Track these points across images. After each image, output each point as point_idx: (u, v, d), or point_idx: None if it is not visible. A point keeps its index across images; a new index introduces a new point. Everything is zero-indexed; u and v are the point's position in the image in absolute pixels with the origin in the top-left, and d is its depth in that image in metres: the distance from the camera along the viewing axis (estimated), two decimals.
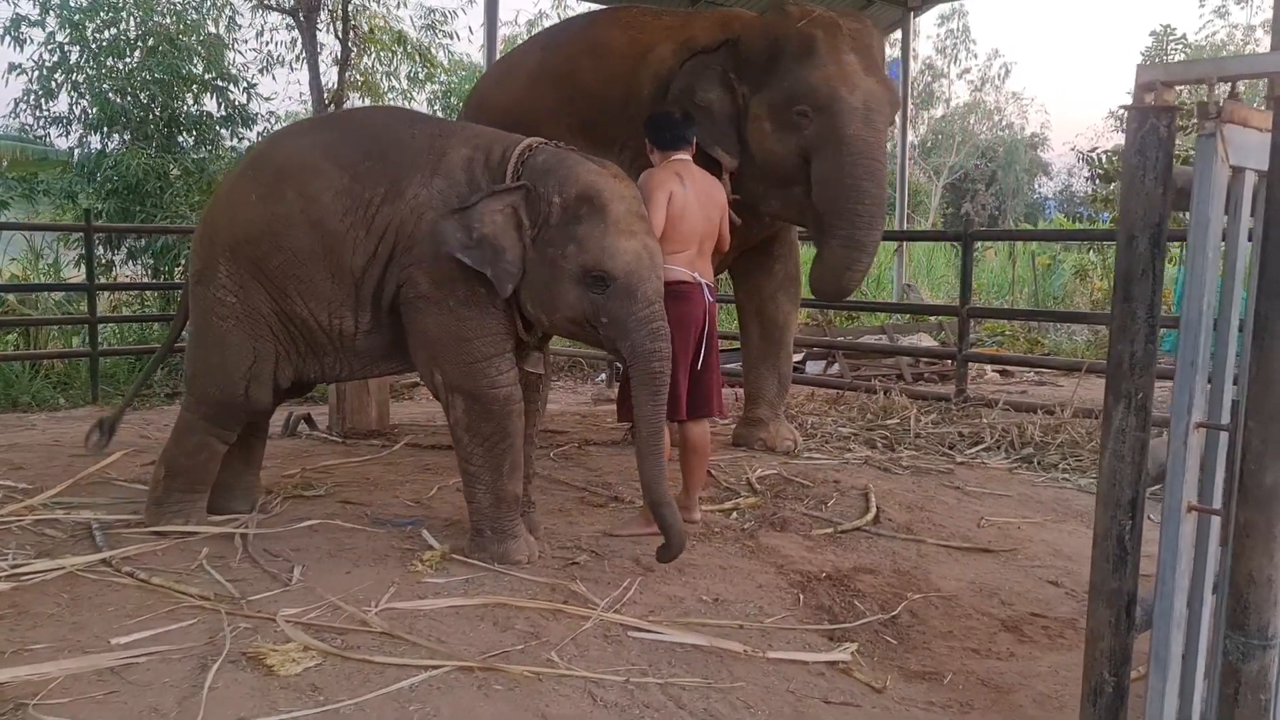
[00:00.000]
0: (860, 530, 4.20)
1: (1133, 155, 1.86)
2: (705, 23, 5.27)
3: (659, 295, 3.46)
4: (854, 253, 4.64)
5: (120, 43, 11.23)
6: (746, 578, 3.60)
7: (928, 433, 6.15)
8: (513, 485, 3.63)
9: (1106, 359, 1.95)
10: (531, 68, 5.86)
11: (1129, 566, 1.94)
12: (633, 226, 3.45)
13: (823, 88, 4.55)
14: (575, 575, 3.52)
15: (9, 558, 3.52)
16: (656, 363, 3.44)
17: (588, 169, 3.51)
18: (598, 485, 4.74)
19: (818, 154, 4.61)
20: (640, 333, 3.42)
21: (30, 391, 7.69)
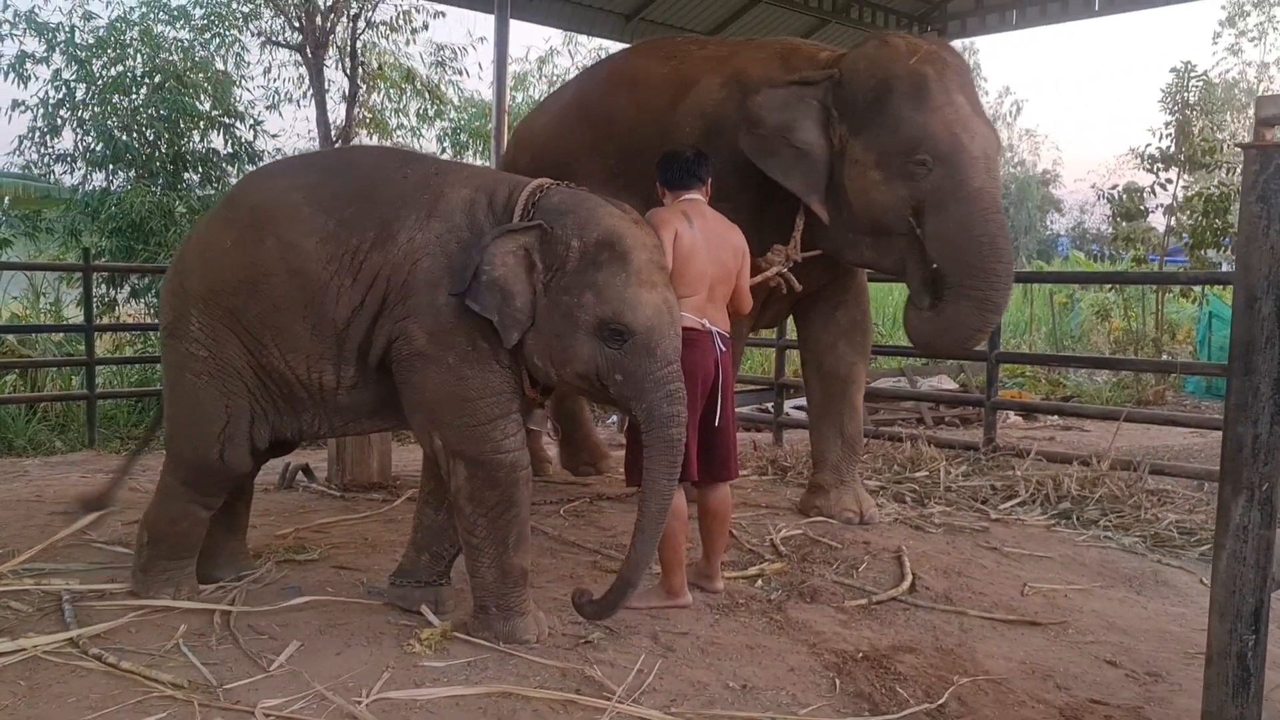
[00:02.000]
0: (896, 600, 3.89)
1: (1254, 202, 1.58)
2: (756, 54, 4.87)
3: (678, 355, 3.21)
4: (989, 315, 4.28)
5: (127, 79, 11.11)
6: (776, 659, 3.28)
7: (958, 486, 5.83)
8: (520, 559, 3.31)
9: (1222, 443, 1.65)
10: (568, 102, 5.63)
11: (1252, 690, 1.63)
12: (654, 278, 3.19)
13: (945, 136, 4.18)
14: (589, 657, 3.20)
15: None
16: (674, 429, 3.16)
17: (610, 212, 3.25)
18: (612, 547, 4.43)
19: (939, 208, 4.20)
20: (657, 394, 3.14)
21: (26, 435, 7.45)
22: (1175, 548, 4.84)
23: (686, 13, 12.16)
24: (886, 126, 4.24)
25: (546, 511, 5.09)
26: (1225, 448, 1.63)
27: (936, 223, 4.21)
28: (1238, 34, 30.62)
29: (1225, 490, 1.63)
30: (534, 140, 5.67)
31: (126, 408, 8.20)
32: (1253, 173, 1.58)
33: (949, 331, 4.33)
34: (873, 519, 4.98)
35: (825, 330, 5.12)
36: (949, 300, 4.27)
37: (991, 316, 4.30)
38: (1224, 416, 1.66)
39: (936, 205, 4.20)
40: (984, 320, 4.28)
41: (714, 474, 3.81)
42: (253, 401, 3.46)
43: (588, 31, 13.00)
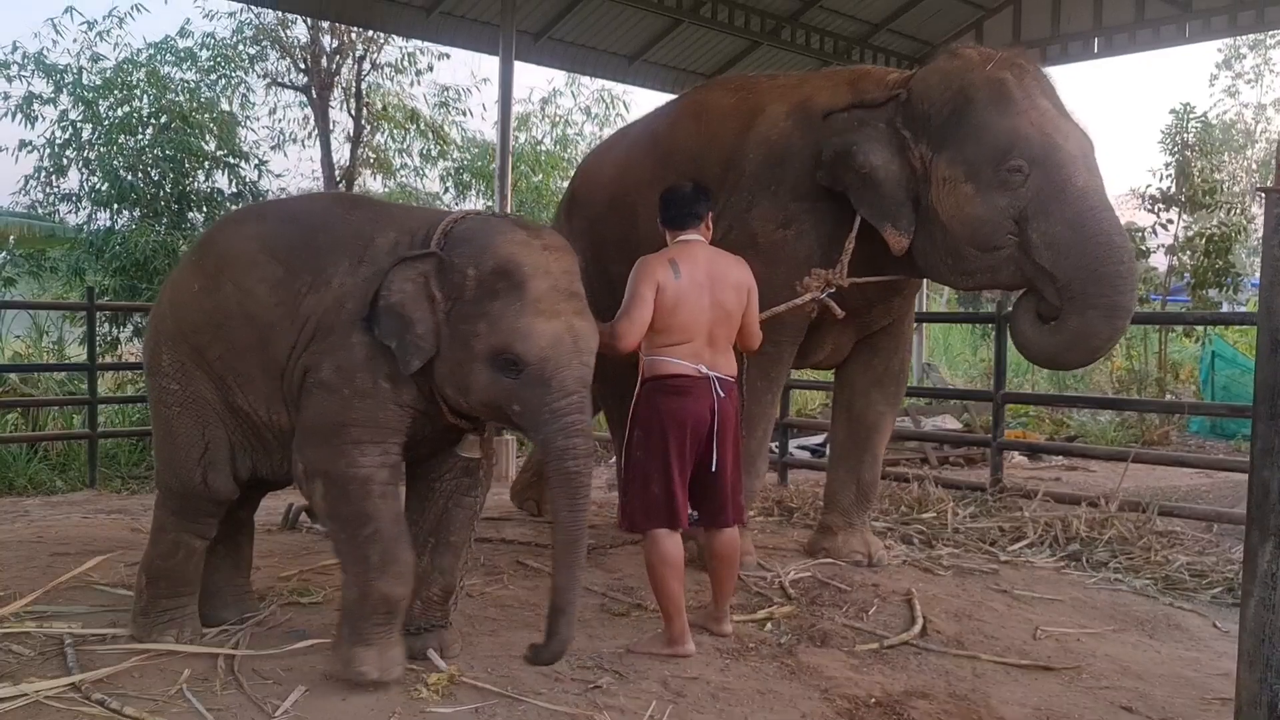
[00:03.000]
0: (908, 645, 3.84)
1: (1277, 246, 1.57)
2: (824, 82, 4.75)
3: (581, 384, 3.07)
4: (1118, 322, 3.98)
5: (133, 120, 11.22)
6: (788, 704, 3.23)
7: (966, 527, 5.79)
8: (385, 585, 3.16)
9: (1248, 489, 1.63)
10: (635, 136, 5.61)
11: None
12: (556, 306, 3.07)
13: (1037, 137, 3.95)
14: (598, 703, 3.15)
15: None
16: (570, 462, 3.04)
17: (511, 238, 3.14)
18: (618, 590, 4.38)
19: (1044, 213, 3.95)
20: (552, 426, 3.04)
21: (27, 474, 7.41)
22: (1187, 590, 4.80)
23: (689, 54, 12.30)
24: (971, 138, 4.05)
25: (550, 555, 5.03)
26: (1251, 493, 1.61)
27: (1044, 228, 3.96)
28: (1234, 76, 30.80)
29: (1252, 537, 1.61)
30: (600, 175, 5.65)
31: (128, 447, 8.16)
32: (1275, 216, 1.58)
33: (1079, 344, 4.06)
34: (880, 561, 4.90)
35: (861, 374, 5.01)
36: (1071, 311, 3.98)
37: (1121, 323, 4.02)
38: (1249, 461, 1.64)
39: (1041, 210, 3.96)
40: (1114, 328, 4.01)
41: (714, 520, 3.77)
42: (229, 433, 3.49)
43: (591, 73, 13.14)
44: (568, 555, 3.07)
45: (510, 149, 10.09)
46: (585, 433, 3.08)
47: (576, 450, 3.05)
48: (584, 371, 3.09)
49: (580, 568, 3.15)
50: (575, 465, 3.04)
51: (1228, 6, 11.65)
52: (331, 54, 12.71)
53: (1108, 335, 4.03)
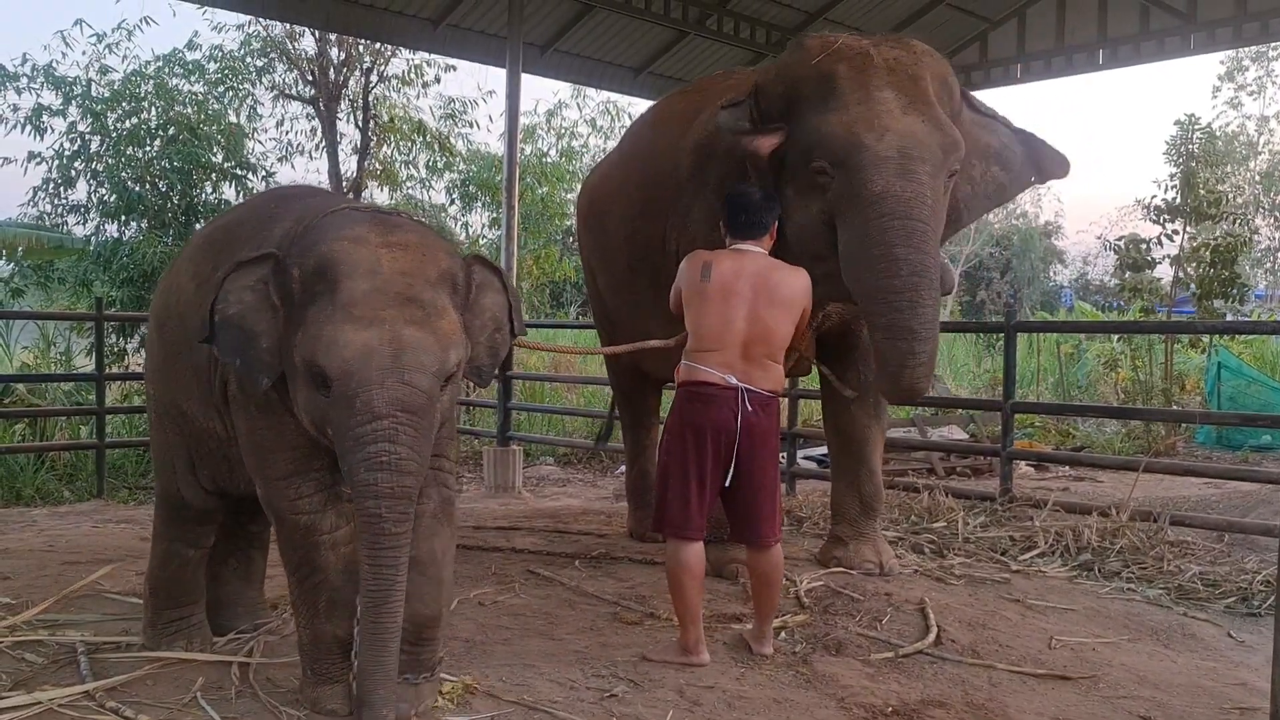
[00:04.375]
0: (922, 654, 3.82)
1: None
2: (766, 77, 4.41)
3: (393, 407, 2.55)
4: (903, 343, 3.64)
5: (141, 132, 11.29)
6: (805, 713, 3.21)
7: (977, 537, 5.77)
8: (332, 626, 2.92)
9: None
10: (617, 148, 5.69)
11: None
12: (377, 312, 2.60)
13: (840, 135, 3.67)
14: (614, 711, 3.14)
15: None
16: (370, 501, 2.54)
17: (343, 233, 2.74)
18: (631, 599, 4.37)
19: (842, 220, 3.72)
20: (354, 456, 2.56)
21: (34, 484, 7.41)
22: (1200, 600, 4.77)
23: (695, 67, 12.30)
24: (792, 136, 3.83)
25: (562, 563, 5.04)
26: None
27: (841, 240, 3.74)
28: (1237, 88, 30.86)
29: None
30: (593, 187, 5.75)
31: (135, 457, 8.16)
32: None
33: (884, 377, 3.80)
34: (892, 570, 4.84)
35: (838, 391, 4.85)
36: (870, 333, 3.84)
37: (906, 345, 3.65)
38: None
39: (839, 217, 3.74)
40: (901, 350, 3.65)
41: (744, 537, 3.72)
42: (185, 440, 3.36)
43: (598, 85, 13.16)
44: (371, 626, 2.61)
45: (517, 160, 10.10)
46: (395, 467, 2.55)
47: (379, 487, 2.54)
48: (403, 392, 2.57)
49: (389, 640, 2.61)
50: (376, 506, 2.55)
51: (1232, 18, 11.65)
52: (339, 66, 12.77)
53: (899, 359, 3.67)
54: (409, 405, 2.56)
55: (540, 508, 7.07)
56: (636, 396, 6.17)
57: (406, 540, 2.59)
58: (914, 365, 3.72)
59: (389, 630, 2.59)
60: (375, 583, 2.57)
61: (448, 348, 2.66)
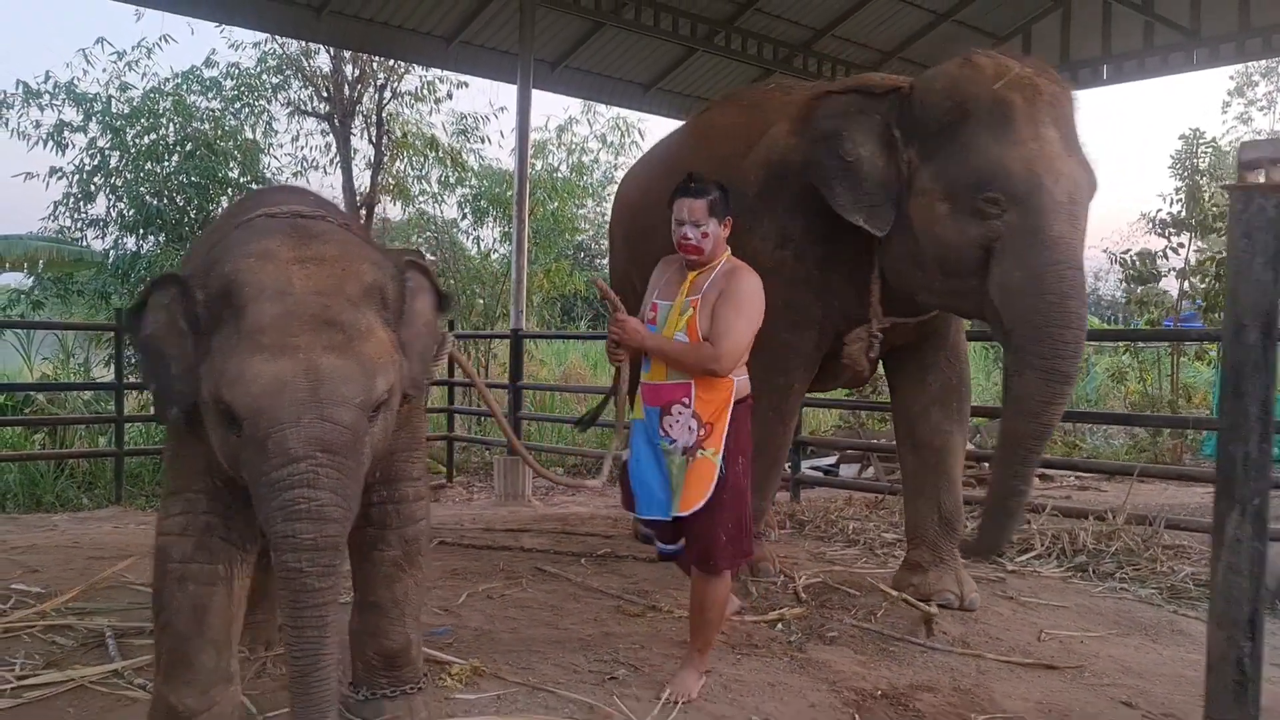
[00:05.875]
0: (914, 644, 3.96)
1: (1240, 238, 1.71)
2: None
3: (312, 447, 2.19)
4: (1057, 386, 3.68)
5: (159, 147, 11.49)
6: (798, 696, 3.36)
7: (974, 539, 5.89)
8: (169, 691, 2.55)
9: (1216, 462, 1.77)
10: (656, 159, 5.62)
11: (1250, 694, 1.73)
12: (289, 339, 2.23)
13: (1022, 174, 3.69)
14: (614, 692, 3.29)
15: (16, 668, 3.33)
16: (290, 555, 2.17)
17: (251, 248, 2.39)
18: (634, 593, 4.52)
19: (1009, 254, 3.72)
20: (270, 504, 2.20)
21: (54, 491, 7.59)
22: (1192, 599, 4.89)
23: (703, 82, 12.50)
24: (958, 156, 3.82)
25: (568, 561, 5.19)
26: (1219, 466, 1.75)
27: (1003, 271, 3.74)
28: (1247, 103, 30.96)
29: (1220, 506, 1.74)
30: (628, 199, 5.71)
31: (152, 465, 8.33)
32: (1238, 212, 1.72)
33: (1024, 414, 3.76)
34: (974, 604, 4.49)
35: (917, 396, 4.65)
36: (1013, 370, 3.83)
37: (1058, 388, 3.70)
38: (1218, 437, 1.78)
39: (1008, 250, 3.74)
40: (1052, 393, 3.69)
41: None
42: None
43: (607, 101, 13.36)
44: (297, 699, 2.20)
45: (528, 175, 10.29)
46: (317, 514, 2.18)
47: (299, 539, 2.17)
48: (322, 429, 2.20)
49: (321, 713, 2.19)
50: (296, 560, 2.17)
51: (1234, 33, 11.80)
52: (353, 83, 12.99)
53: (1044, 399, 3.71)
54: (330, 444, 2.20)
55: (549, 513, 7.22)
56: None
57: (333, 596, 2.21)
58: (1058, 407, 3.78)
59: (319, 701, 2.18)
60: (299, 648, 2.18)
61: (374, 374, 2.30)
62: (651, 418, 3.33)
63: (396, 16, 10.17)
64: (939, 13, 12.48)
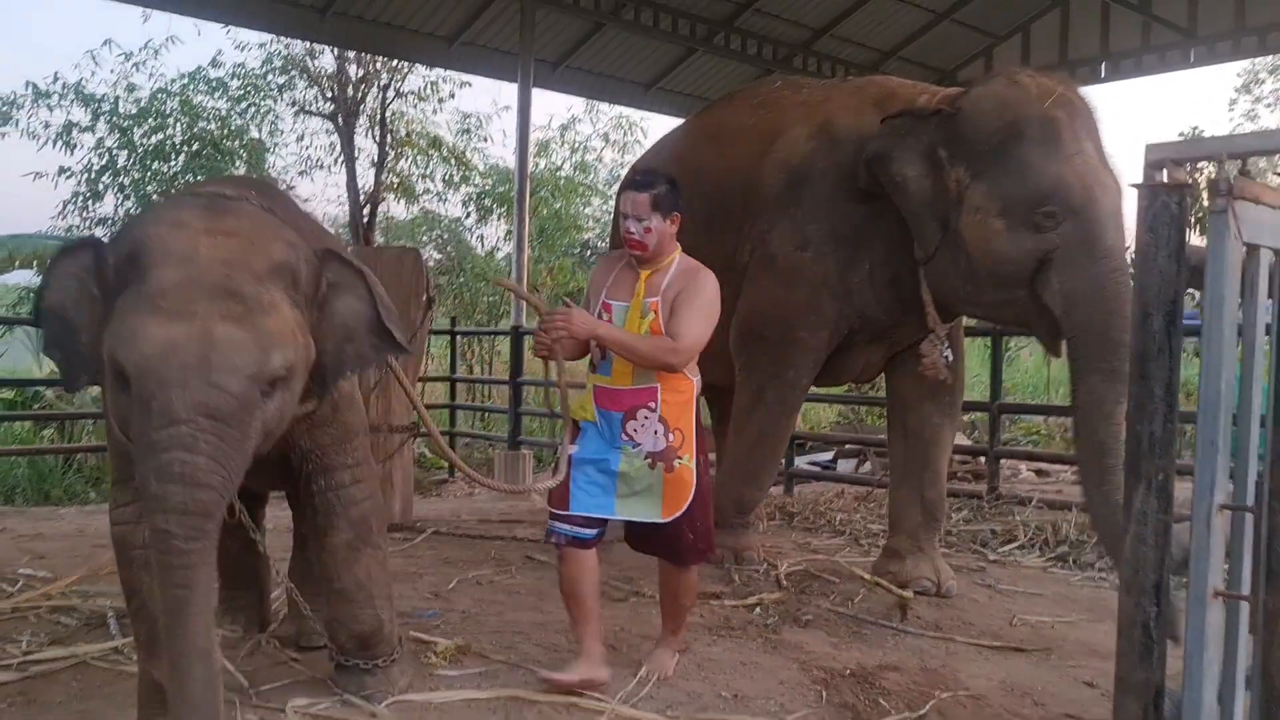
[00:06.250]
0: (887, 627, 4.09)
1: (1144, 233, 1.84)
2: (848, 101, 4.66)
3: (195, 411, 2.17)
4: (1122, 386, 3.62)
5: (166, 147, 11.69)
6: (768, 674, 3.49)
7: (959, 530, 6.03)
8: (152, 667, 2.63)
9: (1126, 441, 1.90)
10: (665, 152, 5.60)
11: (1155, 656, 1.86)
12: (188, 305, 2.24)
13: (1078, 188, 3.82)
14: None
15: (23, 645, 3.49)
16: (160, 516, 2.15)
17: (165, 216, 2.45)
18: (619, 580, 4.64)
19: (1068, 265, 3.84)
20: (147, 464, 2.18)
21: (62, 485, 7.75)
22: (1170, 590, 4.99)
23: (704, 82, 12.64)
24: (1013, 174, 3.91)
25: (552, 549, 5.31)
26: (1128, 445, 1.88)
27: (1064, 281, 3.86)
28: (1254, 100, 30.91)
29: (1129, 481, 1.87)
30: None
31: None
32: (1143, 208, 1.85)
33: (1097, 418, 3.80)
34: (950, 591, 4.60)
35: (912, 388, 4.71)
36: (1075, 378, 3.92)
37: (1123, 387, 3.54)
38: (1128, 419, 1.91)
39: (1066, 260, 3.86)
40: (1118, 392, 3.66)
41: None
42: None
43: (609, 100, 13.53)
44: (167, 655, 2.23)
45: (529, 174, 10.45)
46: (191, 479, 2.15)
47: (169, 501, 2.15)
48: (208, 394, 2.19)
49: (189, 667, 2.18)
50: (165, 521, 2.14)
51: (1230, 32, 11.89)
52: (357, 83, 13.16)
53: (1114, 399, 3.73)
54: (214, 411, 2.19)
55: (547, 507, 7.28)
56: None
57: (203, 560, 2.19)
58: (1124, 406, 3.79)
59: (186, 656, 2.18)
60: (165, 605, 2.18)
61: (270, 349, 2.29)
62: (611, 422, 3.23)
63: (399, 17, 10.33)
64: (938, 12, 12.59)
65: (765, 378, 4.72)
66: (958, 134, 4.06)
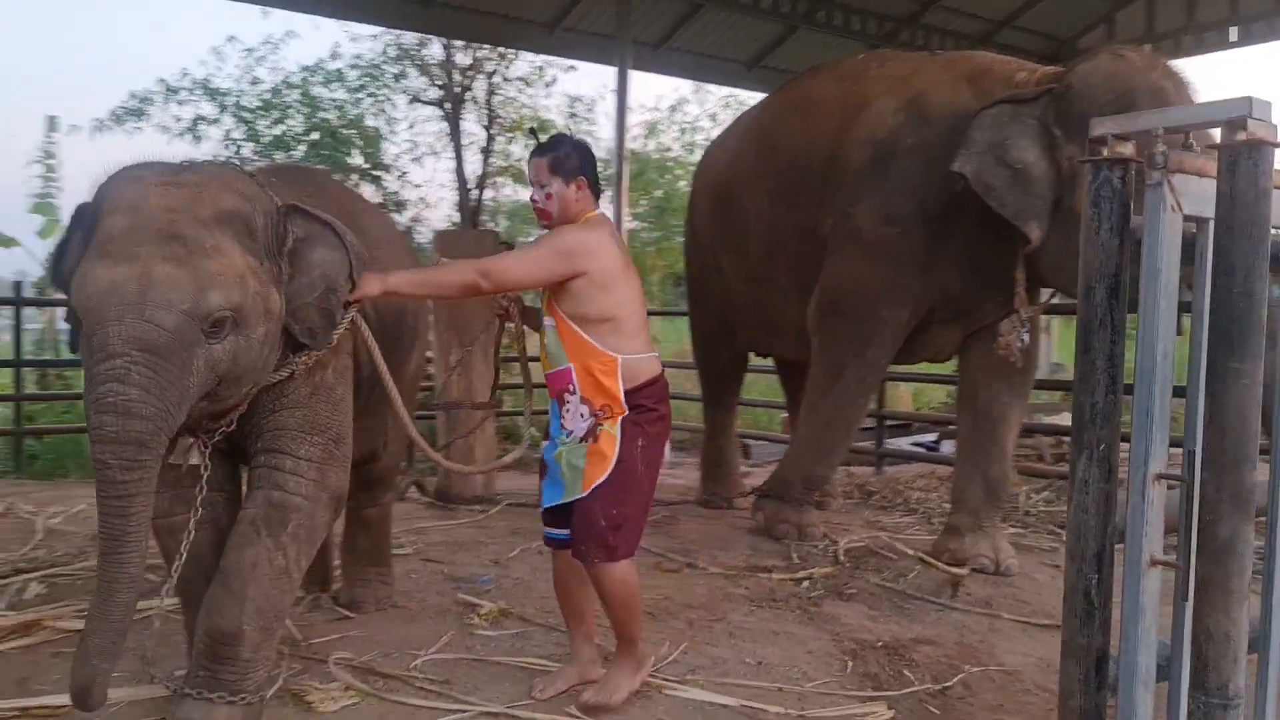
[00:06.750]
0: (932, 603, 4.10)
1: (1089, 207, 1.86)
2: (940, 75, 4.58)
3: (129, 345, 2.27)
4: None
5: (288, 137, 12.23)
6: (798, 643, 3.56)
7: (1039, 510, 5.94)
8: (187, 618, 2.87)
9: (1071, 412, 1.92)
10: (744, 126, 5.66)
11: (1097, 621, 1.89)
12: (132, 248, 2.34)
13: None
14: None
15: None
16: (98, 446, 2.26)
17: (125, 173, 2.53)
18: (677, 552, 4.76)
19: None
20: (88, 398, 2.30)
21: None
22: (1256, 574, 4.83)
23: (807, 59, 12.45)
24: None
25: None
26: (1073, 415, 1.89)
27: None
28: None
29: (1073, 451, 1.89)
30: (714, 167, 5.80)
31: None
32: (1088, 183, 1.85)
33: None
34: (1010, 569, 4.55)
35: (983, 366, 4.65)
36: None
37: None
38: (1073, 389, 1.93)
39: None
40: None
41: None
42: None
43: (710, 80, 13.55)
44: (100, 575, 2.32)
45: (626, 155, 10.57)
46: (124, 410, 2.24)
47: (104, 431, 2.24)
48: (142, 329, 2.28)
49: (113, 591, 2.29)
50: (101, 452, 2.25)
51: None
52: (465, 70, 13.51)
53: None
54: (148, 344, 2.27)
55: None
56: (720, 370, 6.25)
57: (139, 490, 2.28)
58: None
59: (113, 580, 2.29)
60: (101, 532, 2.30)
61: (207, 288, 2.35)
62: (554, 412, 2.99)
63: (500, 5, 10.53)
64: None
65: (844, 355, 4.73)
66: (1070, 111, 3.95)
